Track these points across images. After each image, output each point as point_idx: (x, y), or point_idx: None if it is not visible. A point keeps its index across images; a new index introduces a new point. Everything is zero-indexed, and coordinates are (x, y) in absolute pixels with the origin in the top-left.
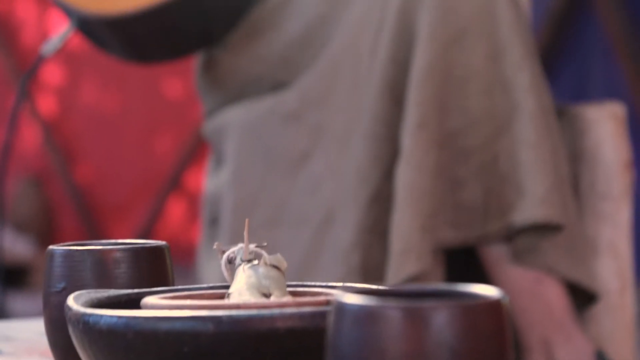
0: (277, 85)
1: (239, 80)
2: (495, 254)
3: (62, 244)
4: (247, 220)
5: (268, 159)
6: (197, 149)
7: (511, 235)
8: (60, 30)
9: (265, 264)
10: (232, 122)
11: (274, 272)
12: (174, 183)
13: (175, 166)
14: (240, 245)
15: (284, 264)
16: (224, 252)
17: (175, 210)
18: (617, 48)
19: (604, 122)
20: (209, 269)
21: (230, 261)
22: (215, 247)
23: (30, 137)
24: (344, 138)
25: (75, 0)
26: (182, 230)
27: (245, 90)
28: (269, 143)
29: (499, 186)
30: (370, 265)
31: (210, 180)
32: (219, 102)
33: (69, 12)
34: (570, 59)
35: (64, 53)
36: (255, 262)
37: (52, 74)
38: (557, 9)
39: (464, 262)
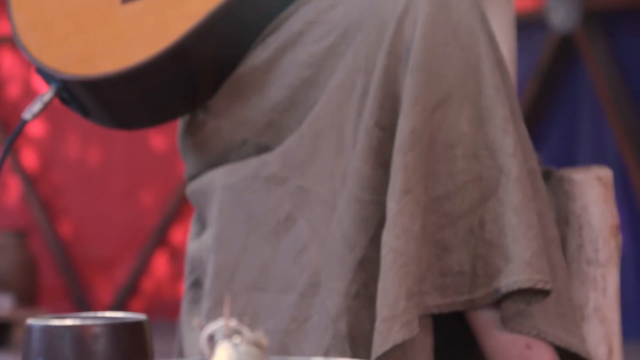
0: (261, 149)
1: (222, 143)
2: (484, 319)
3: (40, 316)
4: (227, 296)
5: (251, 223)
6: (182, 204)
7: (499, 300)
8: (41, 95)
9: (246, 342)
10: (215, 185)
11: (254, 351)
12: (159, 237)
13: (160, 220)
14: (221, 321)
15: (264, 342)
16: (204, 327)
17: (160, 264)
18: (605, 104)
19: (591, 185)
20: (191, 339)
21: (211, 338)
22: (194, 323)
23: (12, 190)
24: (328, 202)
25: (55, 63)
26: (167, 285)
27: (228, 154)
28: (252, 207)
29: (486, 251)
30: (358, 332)
31: (192, 243)
32: (202, 166)
33: (49, 76)
34: (557, 114)
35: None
36: (236, 339)
37: (35, 128)
38: (544, 64)
39: (453, 328)
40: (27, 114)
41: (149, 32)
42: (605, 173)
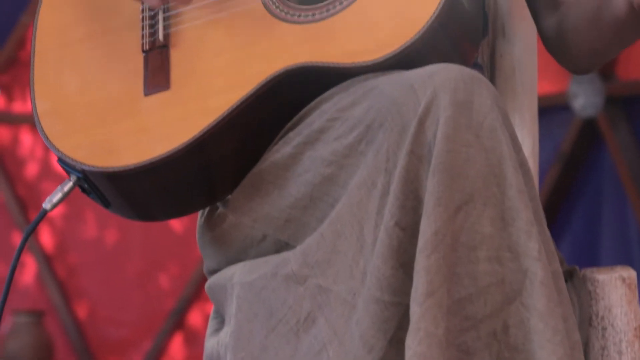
0: (281, 246)
1: (241, 239)
2: None
3: None
4: None
5: (270, 322)
6: (199, 287)
7: None
8: (62, 184)
9: None
10: (234, 282)
11: None
12: (176, 320)
13: (177, 303)
14: None
15: None
16: None
17: (177, 348)
18: (628, 189)
19: (614, 286)
20: None
21: None
22: None
23: (29, 270)
24: (348, 302)
25: (76, 153)
26: None
27: (248, 249)
28: (272, 305)
29: (510, 355)
30: None
31: (210, 339)
32: (222, 261)
33: (70, 166)
34: (580, 198)
35: None
36: None
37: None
38: (567, 148)
39: None
40: (47, 204)
41: (171, 125)
42: (629, 273)
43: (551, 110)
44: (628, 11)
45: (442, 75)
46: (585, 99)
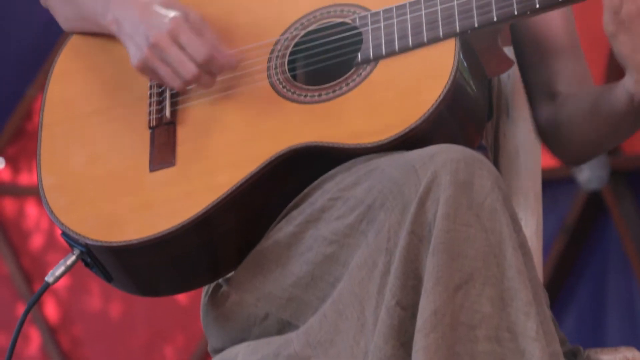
0: (283, 325)
1: (244, 317)
2: None
3: None
4: None
5: None
6: (205, 358)
7: None
8: (65, 258)
9: None
10: None
11: None
12: None
13: None
14: None
15: None
16: None
17: None
18: (634, 262)
19: None
20: None
21: None
22: None
23: (33, 341)
24: None
25: (80, 228)
26: None
27: (251, 328)
28: None
29: None
30: None
31: None
32: (226, 340)
33: (74, 240)
34: (585, 272)
35: None
36: None
37: None
38: (571, 222)
39: None
40: (49, 277)
41: (175, 201)
42: (633, 354)
43: (556, 183)
44: (627, 105)
45: (443, 156)
46: (590, 172)
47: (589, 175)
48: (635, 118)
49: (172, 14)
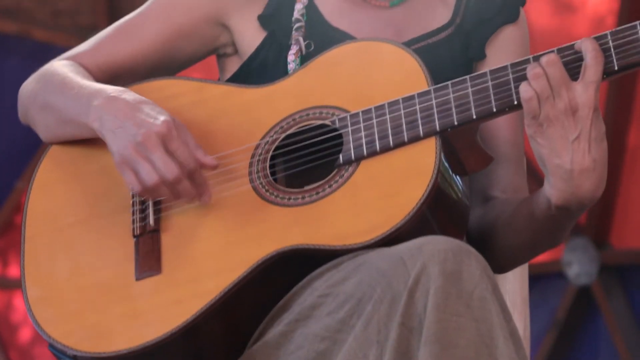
0: None
1: None
2: None
3: None
4: None
5: None
6: None
7: None
8: None
9: None
10: None
11: None
12: None
13: None
14: None
15: None
16: None
17: None
18: (623, 356)
19: None
20: None
21: None
22: None
23: None
24: None
25: (67, 339)
26: None
27: None
28: None
29: None
30: None
31: None
32: None
33: (61, 351)
34: None
35: None
36: None
37: None
38: (561, 316)
39: None
40: None
41: (163, 309)
42: None
43: (545, 277)
44: (546, 210)
45: (430, 247)
46: (579, 267)
47: (579, 270)
48: (554, 224)
49: (162, 117)
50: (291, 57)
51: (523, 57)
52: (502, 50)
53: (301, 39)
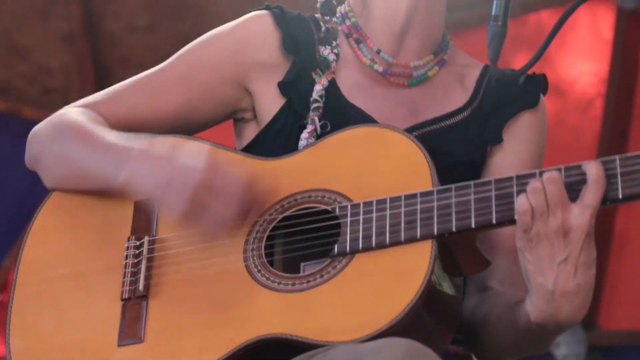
0: None
1: None
2: None
3: None
4: None
5: None
6: None
7: None
8: None
9: None
10: None
11: None
12: None
13: None
14: None
15: None
16: None
17: None
18: None
19: None
20: None
21: None
22: None
23: None
24: None
25: None
26: None
27: None
28: None
29: None
30: None
31: None
32: None
33: None
34: None
35: None
36: None
37: None
38: None
39: None
40: None
41: None
42: None
43: (534, 358)
44: (526, 323)
45: (389, 351)
46: (567, 348)
47: (566, 351)
48: (534, 337)
49: (199, 164)
50: (305, 135)
51: (537, 145)
52: (519, 136)
53: (317, 119)
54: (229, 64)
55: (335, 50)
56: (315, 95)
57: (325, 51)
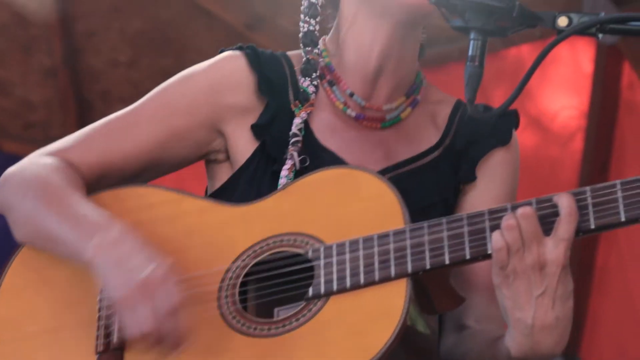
0: None
1: None
2: None
3: None
4: None
5: None
6: None
7: None
8: None
9: None
10: None
11: None
12: None
13: None
14: None
15: None
16: None
17: None
18: None
19: None
20: None
21: None
22: None
23: None
24: None
25: None
26: None
27: None
28: None
29: None
30: None
31: None
32: None
33: None
34: None
35: None
36: None
37: None
38: None
39: None
40: None
41: None
42: None
43: None
44: (506, 358)
45: None
46: None
47: None
48: None
49: (157, 268)
50: (284, 172)
51: (510, 182)
52: (492, 174)
53: (296, 154)
54: (202, 106)
55: (315, 82)
56: (294, 129)
57: (305, 83)
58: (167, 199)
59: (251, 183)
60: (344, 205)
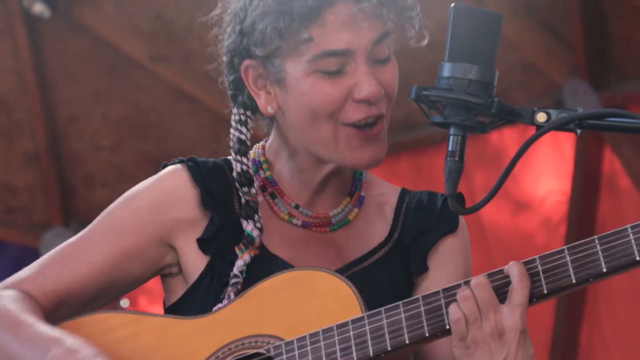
0: None
1: None
2: None
3: None
4: None
5: None
6: None
7: None
8: None
9: None
10: None
11: None
12: None
13: None
14: None
15: None
16: None
17: None
18: None
19: None
20: None
21: None
22: None
23: None
24: None
25: None
26: None
27: None
28: None
29: None
30: None
31: None
32: None
33: None
34: None
35: None
36: None
37: None
38: None
39: None
40: None
41: None
42: None
43: None
44: None
45: None
46: None
47: None
48: None
49: None
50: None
51: (462, 267)
52: (443, 260)
53: (232, 295)
54: (149, 225)
55: (258, 225)
56: (235, 270)
57: (249, 227)
58: (125, 320)
59: (207, 295)
60: (302, 304)
